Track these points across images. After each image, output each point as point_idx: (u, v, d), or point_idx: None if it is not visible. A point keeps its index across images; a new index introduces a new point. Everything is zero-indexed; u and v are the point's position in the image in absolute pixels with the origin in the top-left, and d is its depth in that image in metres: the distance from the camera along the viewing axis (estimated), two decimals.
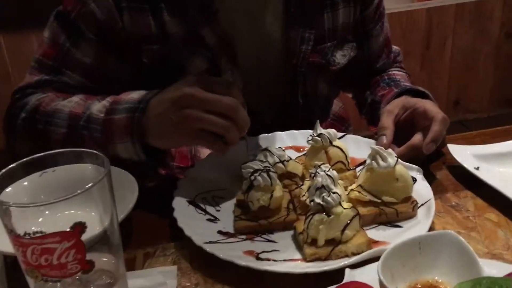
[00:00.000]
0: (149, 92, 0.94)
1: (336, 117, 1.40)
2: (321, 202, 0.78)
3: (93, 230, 0.62)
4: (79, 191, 0.56)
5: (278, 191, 0.88)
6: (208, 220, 0.90)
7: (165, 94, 0.90)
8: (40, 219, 0.58)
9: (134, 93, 0.95)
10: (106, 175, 0.60)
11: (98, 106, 0.95)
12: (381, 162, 0.87)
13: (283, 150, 0.99)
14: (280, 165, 0.95)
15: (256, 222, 0.86)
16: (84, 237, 0.59)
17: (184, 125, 0.87)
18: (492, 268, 0.70)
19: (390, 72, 1.31)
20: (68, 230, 0.56)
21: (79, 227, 0.56)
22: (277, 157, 0.96)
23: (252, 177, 0.86)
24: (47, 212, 0.58)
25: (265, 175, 0.86)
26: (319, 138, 0.98)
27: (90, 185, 0.57)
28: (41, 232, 0.55)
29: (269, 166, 0.90)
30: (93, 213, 0.61)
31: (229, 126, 0.87)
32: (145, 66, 1.09)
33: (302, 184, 0.93)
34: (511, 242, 0.82)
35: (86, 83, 1.07)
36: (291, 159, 1.00)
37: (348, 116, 1.43)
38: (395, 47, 1.36)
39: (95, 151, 0.63)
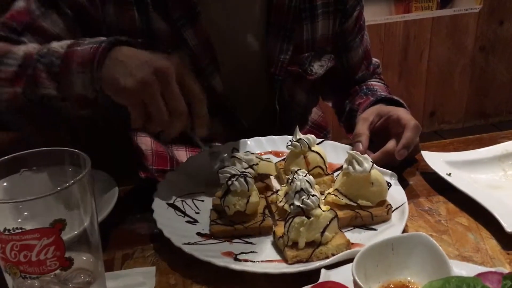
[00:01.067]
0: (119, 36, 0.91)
1: (315, 125, 1.42)
2: (300, 205, 0.80)
3: (73, 229, 0.62)
4: (59, 188, 0.56)
5: (255, 196, 0.89)
6: (187, 222, 0.91)
7: (144, 53, 0.86)
8: (19, 220, 0.58)
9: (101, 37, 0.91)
10: (87, 174, 0.61)
11: (60, 43, 0.91)
12: (357, 167, 0.89)
13: (251, 154, 1.00)
14: (250, 169, 0.96)
15: (232, 227, 0.87)
16: (64, 236, 0.59)
17: (139, 87, 0.83)
18: (462, 269, 0.72)
19: (368, 83, 1.34)
20: (48, 226, 0.56)
21: (59, 224, 0.57)
22: (245, 162, 0.97)
23: (229, 182, 0.87)
24: (26, 213, 0.59)
25: (242, 180, 0.87)
26: (298, 144, 1.00)
27: (70, 182, 0.58)
28: (21, 228, 0.55)
29: (245, 171, 0.90)
30: (73, 213, 0.62)
31: (166, 125, 0.86)
32: None
33: (278, 190, 0.95)
34: (480, 245, 0.84)
35: (71, 29, 1.02)
36: (262, 159, 1.01)
37: (327, 124, 1.46)
38: (374, 60, 1.39)
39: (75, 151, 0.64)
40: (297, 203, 0.80)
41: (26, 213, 0.59)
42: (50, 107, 0.91)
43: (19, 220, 0.58)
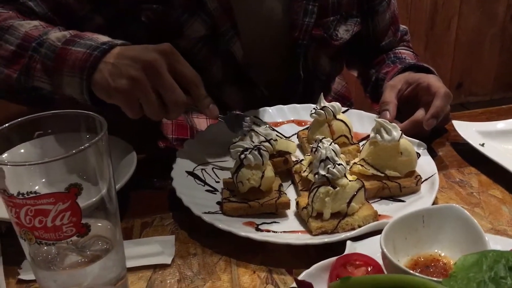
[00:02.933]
0: (116, 39, 0.90)
1: (338, 95, 1.37)
2: (326, 174, 0.77)
3: (89, 195, 0.60)
4: (74, 151, 0.54)
5: (270, 171, 0.84)
6: (207, 191, 0.89)
7: (133, 50, 0.85)
8: (34, 184, 0.56)
9: (100, 35, 0.90)
10: (102, 138, 0.58)
11: (57, 34, 0.90)
12: (385, 136, 0.85)
13: (272, 129, 0.95)
14: (267, 144, 0.90)
15: (246, 204, 0.81)
16: (81, 202, 0.57)
17: (130, 85, 0.82)
18: (497, 243, 0.68)
19: (396, 50, 1.28)
20: (63, 191, 0.54)
21: (75, 189, 0.54)
22: (263, 136, 0.91)
23: (242, 156, 0.82)
24: (41, 178, 0.57)
25: (256, 153, 0.82)
26: (322, 111, 0.96)
27: (86, 145, 0.55)
28: (35, 192, 0.53)
29: (259, 145, 0.85)
30: (89, 178, 0.60)
31: (160, 116, 0.86)
32: (134, 28, 1.06)
33: (302, 160, 0.91)
34: None
35: (52, 16, 1.01)
36: (284, 137, 0.97)
37: (350, 95, 1.41)
38: (402, 26, 1.33)
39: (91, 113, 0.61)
40: (322, 172, 0.77)
41: (41, 177, 0.56)
42: (42, 97, 0.92)
43: (34, 184, 0.56)
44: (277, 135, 0.95)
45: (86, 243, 0.61)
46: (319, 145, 0.81)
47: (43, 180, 0.57)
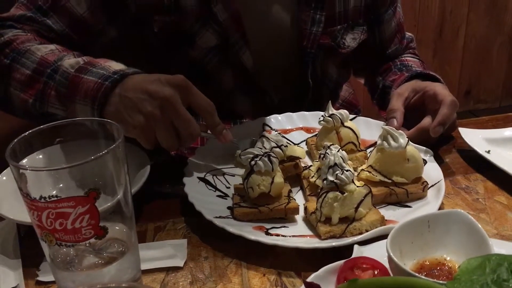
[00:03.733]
0: (128, 68, 0.91)
1: (345, 103, 1.39)
2: (334, 180, 0.79)
3: (107, 199, 0.63)
4: (92, 157, 0.56)
5: (279, 177, 0.86)
6: (218, 196, 0.91)
7: (146, 83, 0.86)
8: (55, 189, 0.59)
9: (113, 63, 0.92)
10: (120, 144, 0.61)
11: (71, 61, 0.92)
12: (392, 143, 0.87)
13: (282, 136, 0.98)
14: (278, 150, 0.93)
15: (256, 209, 0.84)
16: (99, 206, 0.60)
17: (147, 121, 0.84)
18: (501, 248, 0.70)
19: (402, 58, 1.30)
20: (83, 195, 0.57)
21: (94, 192, 0.57)
22: (274, 142, 0.94)
23: (253, 162, 0.85)
24: (61, 182, 0.59)
25: (266, 159, 0.85)
26: (330, 119, 0.98)
27: (104, 152, 0.58)
28: (56, 196, 0.56)
29: (269, 151, 0.88)
30: (107, 183, 0.62)
31: (175, 147, 0.88)
32: (149, 37, 1.08)
33: (311, 166, 0.93)
34: None
35: (69, 33, 1.03)
36: (293, 144, 0.99)
37: (358, 102, 1.43)
38: (408, 34, 1.35)
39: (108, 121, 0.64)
40: (330, 178, 0.79)
41: (61, 182, 0.59)
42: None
43: (54, 188, 0.59)
44: (287, 142, 0.98)
45: (103, 245, 0.64)
46: (327, 151, 0.83)
47: (62, 185, 0.60)
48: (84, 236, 0.59)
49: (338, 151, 0.82)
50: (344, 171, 0.79)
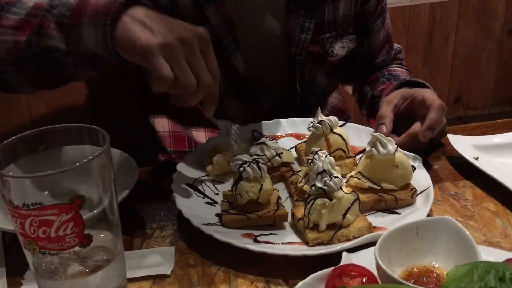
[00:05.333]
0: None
1: (335, 110, 1.40)
2: (322, 187, 0.78)
3: (92, 207, 0.62)
4: (77, 164, 0.56)
5: (268, 184, 0.86)
6: (207, 203, 0.90)
7: (166, 17, 0.79)
8: (39, 196, 0.58)
9: None
10: (105, 151, 0.60)
11: None
12: (381, 149, 0.87)
13: (276, 142, 0.99)
14: (277, 158, 0.95)
15: (245, 216, 0.83)
16: (83, 214, 0.59)
17: (162, 48, 0.75)
18: (490, 255, 0.70)
19: (390, 68, 1.31)
20: (67, 202, 0.56)
21: (78, 200, 0.56)
22: (273, 150, 0.95)
23: (241, 169, 0.84)
24: (45, 189, 0.58)
25: (254, 166, 0.84)
26: (319, 125, 0.98)
27: (89, 158, 0.57)
28: (39, 203, 0.55)
29: (259, 158, 0.87)
30: (92, 190, 0.61)
31: (191, 89, 0.78)
32: None
33: (299, 171, 0.93)
34: (508, 231, 0.82)
35: None
36: (284, 149, 1.00)
37: (347, 109, 1.43)
38: (396, 45, 1.36)
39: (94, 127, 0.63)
40: (319, 184, 0.79)
41: (45, 189, 0.58)
42: (54, 62, 0.86)
43: (38, 196, 0.58)
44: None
45: (88, 254, 0.63)
46: (315, 157, 0.83)
47: (47, 192, 0.59)
48: (68, 244, 0.58)
49: (326, 157, 0.82)
50: (332, 178, 0.79)
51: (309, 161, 0.85)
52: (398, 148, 0.89)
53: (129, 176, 0.90)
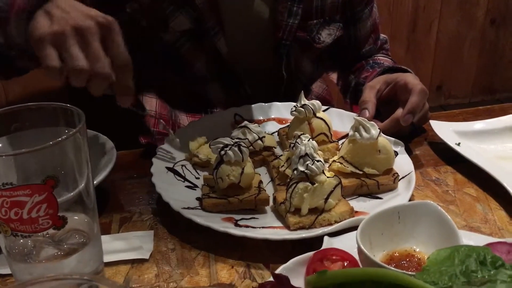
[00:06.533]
0: None
1: (319, 98, 1.38)
2: (305, 170, 0.77)
3: (67, 188, 0.60)
4: (51, 143, 0.54)
5: (249, 168, 0.84)
6: (187, 187, 0.89)
7: (76, 5, 0.78)
8: (13, 179, 0.56)
9: None
10: (80, 130, 0.58)
11: None
12: (364, 134, 0.86)
13: (259, 126, 0.98)
14: (259, 142, 0.94)
15: (226, 200, 0.82)
16: (58, 196, 0.57)
17: (52, 36, 0.73)
18: (470, 239, 0.70)
19: (375, 57, 1.30)
20: (40, 183, 0.54)
21: (51, 180, 0.54)
22: (256, 134, 0.94)
23: (222, 152, 0.83)
24: (20, 172, 0.56)
25: (236, 149, 0.82)
26: (302, 109, 0.97)
27: (63, 137, 0.55)
28: (11, 184, 0.53)
29: (241, 141, 0.86)
30: (67, 170, 0.59)
31: (81, 77, 0.75)
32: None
33: (281, 155, 0.92)
34: (489, 216, 0.82)
35: None
36: (266, 134, 0.99)
37: (331, 98, 1.42)
38: (383, 35, 1.35)
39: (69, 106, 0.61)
40: (301, 168, 0.78)
41: (17, 170, 0.56)
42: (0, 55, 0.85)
43: (10, 176, 0.55)
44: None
45: (63, 237, 0.61)
46: (297, 141, 0.82)
47: (20, 172, 0.56)
48: (42, 226, 0.56)
49: (308, 141, 0.81)
50: (315, 162, 0.78)
51: (292, 145, 0.84)
52: (381, 133, 0.88)
53: (107, 158, 0.88)
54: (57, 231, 0.58)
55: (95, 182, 0.80)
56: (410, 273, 0.56)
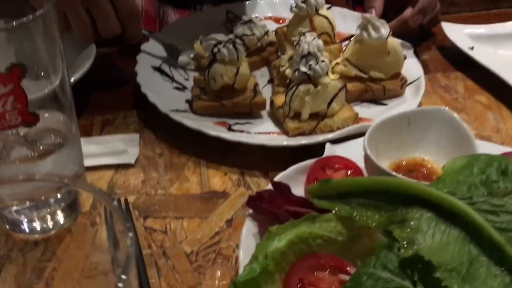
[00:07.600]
0: None
1: None
2: (307, 71, 0.70)
3: (40, 86, 0.52)
4: (14, 23, 0.45)
5: (245, 67, 0.76)
6: (176, 88, 0.81)
7: None
8: None
9: None
10: (49, 12, 0.48)
11: None
12: (372, 33, 0.78)
13: (261, 20, 0.89)
14: (266, 37, 0.87)
15: (218, 102, 0.75)
16: (30, 93, 0.49)
17: None
18: (481, 149, 0.65)
19: None
20: (4, 72, 0.46)
21: (17, 69, 0.46)
22: (261, 28, 0.86)
23: (215, 49, 0.74)
24: None
25: (230, 47, 0.74)
26: (304, 5, 0.87)
27: (28, 17, 0.46)
28: None
29: (248, 38, 0.80)
30: (36, 59, 0.51)
31: (89, 35, 0.77)
32: None
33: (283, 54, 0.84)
34: (501, 125, 0.77)
35: None
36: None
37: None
38: None
39: None
40: (303, 69, 0.70)
41: None
42: None
43: None
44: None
45: (36, 137, 0.55)
46: (301, 38, 0.73)
47: None
48: (9, 123, 0.49)
49: (314, 39, 0.73)
50: (319, 62, 0.70)
51: (295, 42, 0.75)
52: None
53: (86, 53, 0.79)
54: (29, 129, 0.51)
55: (72, 80, 0.73)
56: (424, 182, 0.51)
